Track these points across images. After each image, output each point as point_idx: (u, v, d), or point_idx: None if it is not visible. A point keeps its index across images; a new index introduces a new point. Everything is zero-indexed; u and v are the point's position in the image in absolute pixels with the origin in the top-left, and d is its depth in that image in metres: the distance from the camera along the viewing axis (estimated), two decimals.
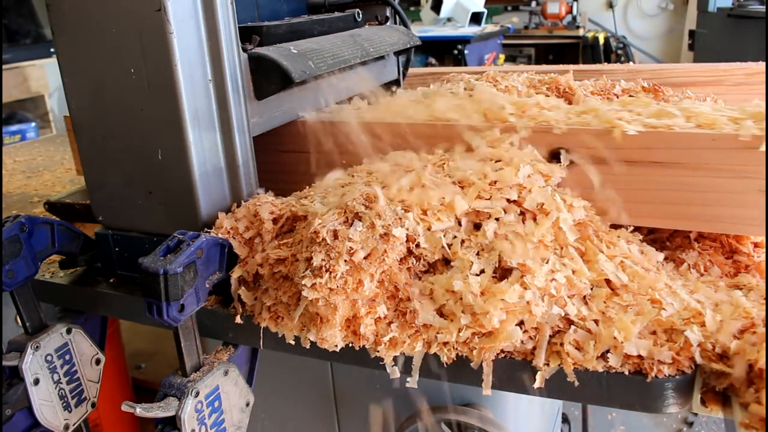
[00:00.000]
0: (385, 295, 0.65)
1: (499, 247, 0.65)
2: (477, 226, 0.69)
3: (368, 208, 0.66)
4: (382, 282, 0.65)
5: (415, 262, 0.67)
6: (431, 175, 0.72)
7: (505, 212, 0.68)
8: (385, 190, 0.69)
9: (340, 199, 0.70)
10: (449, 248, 0.66)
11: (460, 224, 0.69)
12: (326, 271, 0.62)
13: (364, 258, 0.63)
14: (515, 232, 0.66)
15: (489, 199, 0.69)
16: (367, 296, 0.63)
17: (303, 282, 0.63)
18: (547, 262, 0.64)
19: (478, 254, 0.65)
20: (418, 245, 0.66)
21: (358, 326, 0.64)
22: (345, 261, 0.62)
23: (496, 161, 0.74)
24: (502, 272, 0.65)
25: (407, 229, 0.65)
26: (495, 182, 0.71)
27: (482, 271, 0.63)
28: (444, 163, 0.76)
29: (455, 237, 0.67)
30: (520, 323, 0.61)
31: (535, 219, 0.68)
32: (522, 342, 0.61)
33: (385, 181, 0.73)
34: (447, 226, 0.67)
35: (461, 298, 0.61)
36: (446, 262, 0.67)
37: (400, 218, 0.65)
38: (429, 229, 0.66)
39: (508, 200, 0.69)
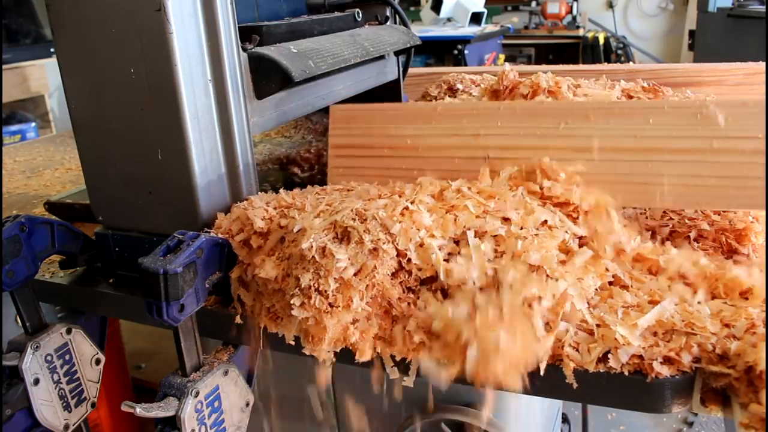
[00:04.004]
0: (380, 311, 0.64)
1: (501, 270, 0.61)
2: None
3: (358, 222, 0.64)
4: (375, 298, 0.63)
5: (407, 276, 0.64)
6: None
7: (503, 229, 0.65)
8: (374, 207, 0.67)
9: (329, 214, 0.68)
10: (443, 266, 0.63)
11: (456, 243, 0.65)
12: (315, 290, 0.61)
13: (354, 275, 0.61)
14: (516, 253, 0.62)
15: (484, 217, 0.66)
16: (359, 314, 0.62)
17: (292, 301, 0.62)
18: (550, 281, 0.61)
19: (479, 287, 0.61)
20: (409, 260, 0.64)
21: (351, 345, 0.63)
22: (335, 279, 0.61)
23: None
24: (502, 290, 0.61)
25: (397, 245, 0.63)
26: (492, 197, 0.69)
27: (486, 302, 0.59)
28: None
29: (450, 255, 0.64)
30: None
31: (536, 236, 0.65)
32: None
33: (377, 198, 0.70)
34: (440, 243, 0.64)
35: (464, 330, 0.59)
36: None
37: (390, 233, 0.63)
38: (421, 246, 0.63)
39: (504, 219, 0.66)
